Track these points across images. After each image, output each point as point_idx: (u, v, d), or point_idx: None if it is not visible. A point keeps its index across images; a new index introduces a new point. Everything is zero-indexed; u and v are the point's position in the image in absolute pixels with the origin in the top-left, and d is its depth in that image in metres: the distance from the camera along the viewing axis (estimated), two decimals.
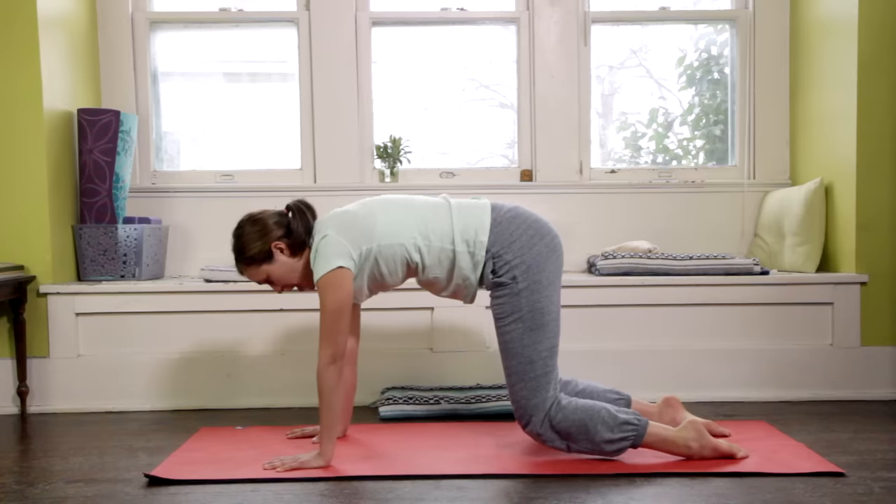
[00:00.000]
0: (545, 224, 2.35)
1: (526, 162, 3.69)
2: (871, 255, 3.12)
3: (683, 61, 3.81)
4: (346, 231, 2.27)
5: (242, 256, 2.35)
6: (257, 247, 2.32)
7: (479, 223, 2.30)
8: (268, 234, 2.32)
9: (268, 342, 3.11)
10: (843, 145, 3.19)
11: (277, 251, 2.33)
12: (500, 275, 2.28)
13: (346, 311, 2.23)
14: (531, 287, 2.26)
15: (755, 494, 2.01)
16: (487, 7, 3.70)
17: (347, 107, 3.61)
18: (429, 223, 2.31)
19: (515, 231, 2.30)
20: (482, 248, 2.29)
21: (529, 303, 2.25)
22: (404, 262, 2.31)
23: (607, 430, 2.21)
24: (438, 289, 2.40)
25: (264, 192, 3.55)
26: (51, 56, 3.12)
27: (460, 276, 2.32)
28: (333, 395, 2.23)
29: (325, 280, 2.22)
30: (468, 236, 2.30)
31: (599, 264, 3.22)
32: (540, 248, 2.29)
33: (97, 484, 2.17)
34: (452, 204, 2.36)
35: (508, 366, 2.29)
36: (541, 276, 2.27)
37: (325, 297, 2.22)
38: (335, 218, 2.31)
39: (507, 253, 2.28)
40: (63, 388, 3.07)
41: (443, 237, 2.30)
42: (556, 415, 2.23)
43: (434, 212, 2.34)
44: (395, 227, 2.29)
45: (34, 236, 3.07)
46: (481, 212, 2.33)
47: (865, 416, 2.82)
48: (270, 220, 2.34)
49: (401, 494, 2.05)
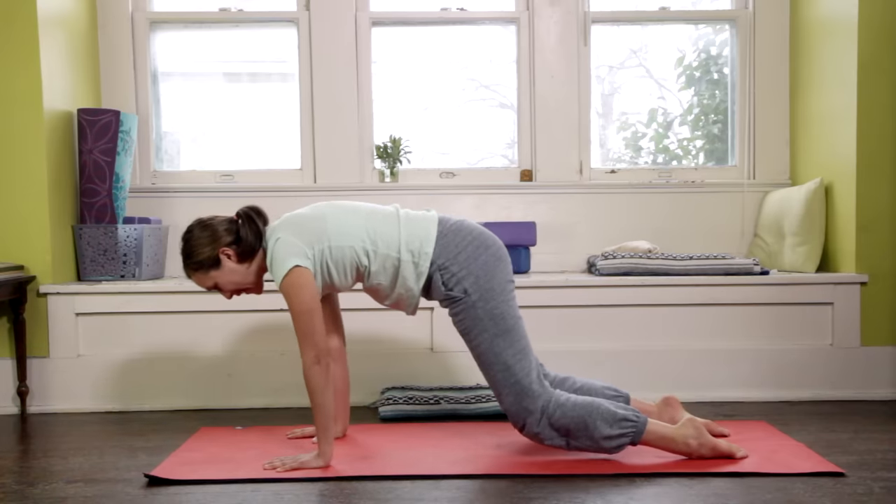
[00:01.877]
0: (489, 235, 2.36)
1: (526, 162, 3.69)
2: (871, 255, 3.12)
3: (683, 61, 3.81)
4: (298, 232, 2.27)
5: (190, 261, 2.34)
6: (205, 252, 2.31)
7: (425, 234, 2.31)
8: (217, 241, 2.31)
9: (268, 342, 3.11)
10: (843, 145, 3.19)
11: (225, 257, 2.32)
12: (450, 288, 2.29)
13: (317, 310, 2.23)
14: (484, 297, 2.26)
15: (755, 494, 2.01)
16: (487, 7, 3.70)
17: (347, 107, 3.62)
18: (377, 230, 2.31)
19: (460, 243, 2.30)
20: (426, 259, 2.29)
21: (486, 311, 2.26)
22: (354, 265, 2.31)
23: (606, 426, 2.21)
24: (381, 297, 2.39)
25: (264, 192, 3.55)
26: (51, 56, 3.12)
27: (403, 286, 2.33)
28: (324, 395, 2.23)
29: (287, 283, 2.22)
30: (413, 246, 2.30)
31: (599, 264, 3.22)
32: (485, 258, 2.30)
33: (97, 484, 2.17)
34: (401, 214, 2.37)
35: (489, 377, 2.29)
36: (492, 284, 2.28)
37: (291, 300, 2.22)
38: (286, 221, 2.32)
39: (454, 265, 2.28)
40: (63, 388, 3.07)
41: (389, 244, 2.30)
42: (554, 412, 2.23)
43: (383, 219, 2.34)
44: (346, 230, 2.29)
45: (34, 236, 3.07)
46: (428, 223, 2.34)
47: (865, 416, 2.82)
48: (220, 226, 2.33)
49: (400, 494, 2.05)
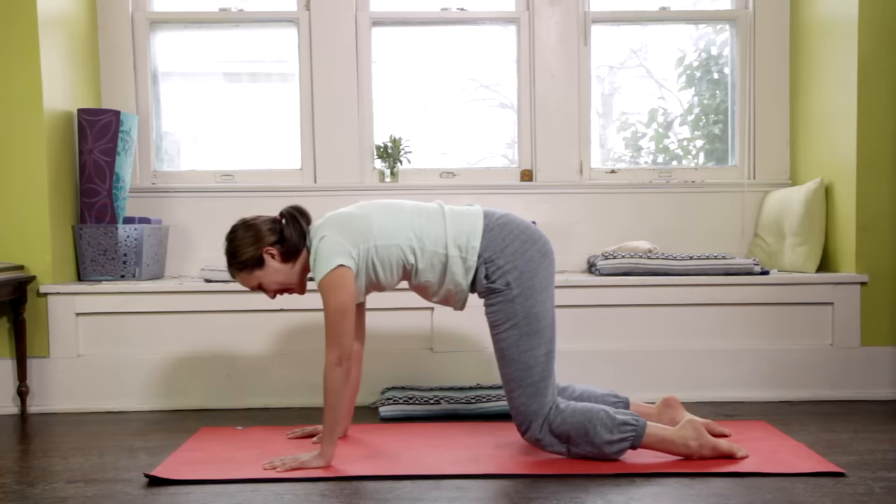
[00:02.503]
0: (536, 230, 2.35)
1: (526, 162, 3.69)
2: (871, 255, 3.12)
3: (683, 61, 3.81)
4: (344, 231, 2.26)
5: (234, 261, 2.35)
6: (249, 252, 2.32)
7: (472, 229, 2.31)
8: (260, 241, 2.32)
9: (268, 342, 3.11)
10: (843, 145, 3.19)
11: (269, 257, 2.33)
12: (493, 280, 2.28)
13: (350, 312, 2.23)
14: (525, 293, 2.26)
15: (755, 494, 2.01)
16: (487, 7, 3.70)
17: (347, 107, 3.62)
18: (423, 227, 2.31)
19: (507, 237, 2.30)
20: (474, 254, 2.29)
21: (524, 308, 2.25)
22: (400, 264, 2.31)
23: (606, 431, 2.21)
24: (430, 293, 2.39)
25: (264, 192, 3.55)
26: (51, 56, 3.12)
27: (452, 282, 2.32)
28: (339, 396, 2.23)
29: (327, 281, 2.22)
30: (461, 242, 2.30)
31: (599, 264, 3.22)
32: (532, 253, 2.29)
33: (97, 484, 2.17)
34: (446, 210, 2.37)
35: (506, 372, 2.29)
36: (534, 282, 2.27)
37: (328, 298, 2.22)
38: (331, 220, 2.31)
39: (500, 258, 2.28)
40: (63, 388, 3.07)
41: (436, 242, 2.30)
42: (554, 419, 2.24)
43: (428, 216, 2.34)
44: (392, 229, 2.29)
45: (34, 236, 3.07)
46: (474, 218, 2.34)
47: (865, 416, 2.82)
48: (264, 226, 2.34)
49: (401, 494, 2.05)
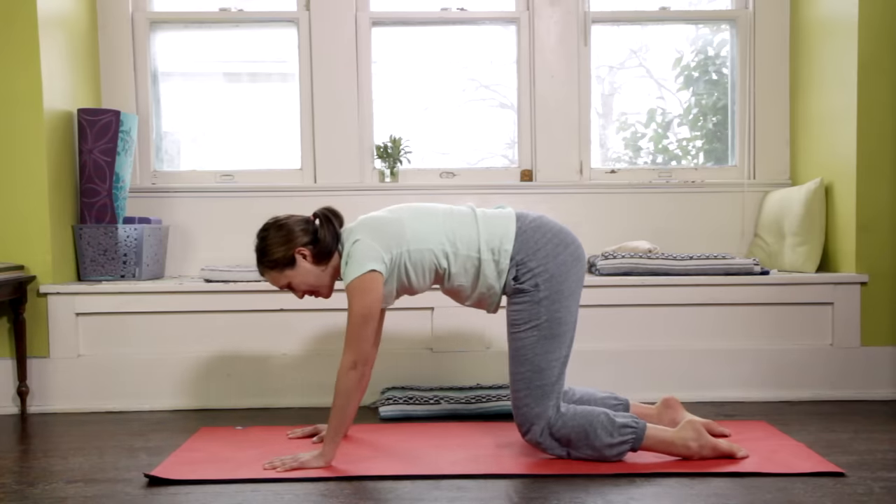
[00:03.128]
0: (569, 234, 2.34)
1: (526, 162, 3.69)
2: (871, 255, 3.12)
3: (681, 62, 3.81)
4: (377, 236, 2.26)
5: (264, 260, 2.34)
6: (280, 252, 2.31)
7: (505, 232, 2.30)
8: (293, 241, 2.31)
9: (268, 342, 3.11)
10: (843, 145, 3.19)
11: (300, 257, 2.32)
12: (522, 281, 2.27)
13: (374, 317, 2.22)
14: (552, 296, 2.25)
15: (755, 494, 2.01)
16: (487, 7, 3.70)
17: (347, 107, 3.62)
18: (456, 231, 2.31)
19: (540, 240, 2.29)
20: (507, 257, 2.28)
21: (549, 312, 2.25)
22: (433, 268, 2.31)
23: (607, 434, 2.21)
24: (463, 297, 2.39)
25: (264, 192, 3.55)
26: (51, 56, 3.12)
27: (485, 285, 2.32)
28: (349, 400, 2.23)
29: (355, 284, 2.21)
30: (493, 245, 2.29)
31: (599, 264, 3.22)
32: (564, 257, 2.29)
33: (97, 484, 2.17)
34: (478, 213, 2.36)
35: (516, 372, 2.28)
36: (563, 287, 2.26)
37: (354, 301, 2.21)
38: (365, 224, 2.30)
39: (532, 261, 2.27)
40: (63, 388, 3.07)
41: (469, 245, 2.30)
42: (555, 422, 2.24)
43: (460, 220, 2.33)
44: (424, 233, 2.29)
45: (34, 236, 3.07)
46: (507, 221, 2.33)
47: (865, 416, 2.82)
48: (296, 226, 2.33)
49: (401, 494, 2.05)
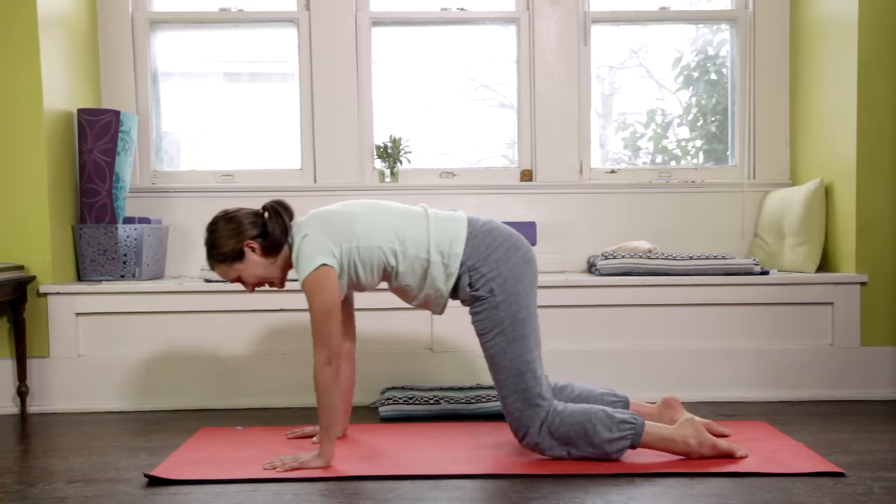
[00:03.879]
0: (519, 238, 2.35)
1: (526, 162, 3.69)
2: (871, 255, 3.12)
3: (680, 62, 3.81)
4: (327, 230, 2.26)
5: (214, 253, 2.34)
6: (230, 245, 2.31)
7: (455, 235, 2.30)
8: (241, 234, 2.31)
9: (267, 342, 3.11)
10: (843, 145, 3.19)
11: (249, 250, 2.32)
12: (477, 288, 2.28)
13: (336, 311, 2.23)
14: (509, 299, 2.25)
15: (755, 494, 2.01)
16: (487, 7, 3.70)
17: (347, 107, 3.62)
18: (406, 230, 2.30)
19: (491, 244, 2.29)
20: (457, 260, 2.28)
21: (509, 315, 2.25)
22: (381, 266, 2.31)
23: (606, 430, 2.21)
24: (409, 297, 2.39)
25: (264, 192, 3.54)
26: (51, 56, 3.12)
27: (432, 287, 2.32)
28: (331, 395, 2.23)
29: (310, 281, 2.21)
30: (443, 247, 2.29)
31: (599, 264, 3.22)
32: (515, 260, 2.29)
33: (97, 484, 2.17)
34: (430, 214, 2.36)
35: (498, 380, 2.29)
36: (518, 288, 2.27)
37: (312, 298, 2.22)
38: (315, 218, 2.31)
39: (483, 266, 2.27)
40: (63, 388, 3.07)
41: (418, 246, 2.29)
42: (553, 420, 2.23)
43: (411, 220, 2.33)
44: (374, 230, 2.29)
45: (34, 236, 3.07)
46: (457, 224, 2.33)
47: (865, 416, 2.82)
48: (246, 219, 2.33)
49: (401, 494, 2.05)
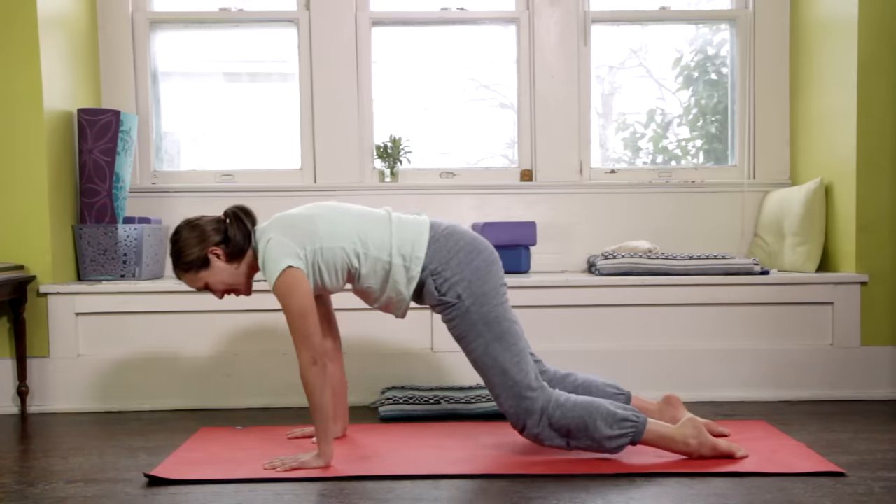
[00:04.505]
0: (481, 240, 2.35)
1: (526, 162, 3.69)
2: (871, 255, 3.12)
3: (680, 62, 3.81)
4: (290, 233, 2.26)
5: (179, 262, 2.33)
6: (194, 253, 2.31)
7: (417, 238, 2.30)
8: (205, 241, 2.31)
9: (268, 342, 3.11)
10: (843, 145, 3.19)
11: (214, 257, 2.32)
12: (443, 293, 2.27)
13: (312, 311, 2.22)
14: (478, 301, 2.25)
15: (755, 494, 2.01)
16: (487, 7, 3.70)
17: (347, 107, 3.62)
18: (368, 232, 2.30)
19: (453, 248, 2.29)
20: (418, 264, 2.28)
21: (481, 316, 2.25)
22: (345, 267, 2.30)
23: (606, 426, 2.21)
24: (371, 299, 2.39)
25: (264, 192, 3.55)
26: (51, 56, 3.12)
27: (393, 290, 2.32)
28: (322, 395, 2.22)
29: (280, 284, 2.21)
30: (405, 251, 2.29)
31: (599, 264, 3.22)
32: (478, 262, 2.29)
33: (97, 484, 2.17)
34: (393, 217, 2.36)
35: (486, 380, 2.29)
36: (485, 289, 2.27)
37: (286, 301, 2.21)
38: (277, 221, 2.30)
39: (446, 270, 2.27)
40: (63, 388, 3.07)
41: (380, 248, 2.29)
42: (554, 412, 2.23)
43: (374, 222, 2.33)
44: (337, 231, 2.28)
45: (34, 236, 3.07)
46: (420, 227, 2.33)
47: (865, 416, 2.82)
48: (209, 226, 2.33)
49: (400, 494, 2.05)
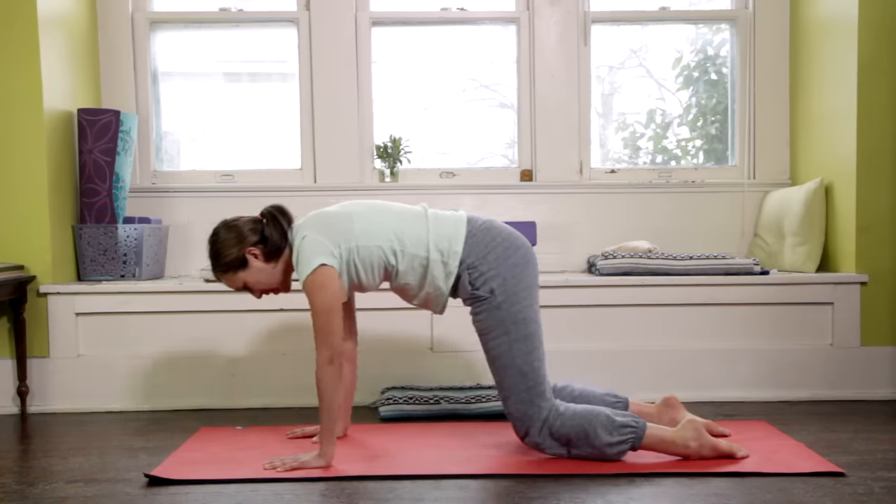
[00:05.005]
0: (519, 237, 2.35)
1: (526, 162, 3.69)
2: (871, 255, 3.12)
3: (680, 62, 3.81)
4: (325, 231, 2.26)
5: (218, 263, 2.35)
6: (233, 253, 2.32)
7: (454, 233, 2.30)
8: (243, 241, 2.32)
9: (268, 342, 3.11)
10: (843, 145, 3.19)
11: (252, 257, 2.33)
12: (477, 287, 2.27)
13: (337, 310, 2.23)
14: (510, 299, 2.25)
15: (755, 494, 2.01)
16: (487, 7, 3.70)
17: (347, 107, 3.62)
18: (405, 229, 2.30)
19: (490, 243, 2.29)
20: (456, 259, 2.28)
21: (511, 314, 2.25)
22: (381, 265, 2.31)
23: (606, 433, 2.21)
24: (409, 296, 2.39)
25: (264, 192, 3.55)
26: (51, 56, 3.12)
27: (432, 285, 2.32)
28: (333, 396, 2.23)
29: (311, 281, 2.21)
30: (442, 246, 2.29)
31: (599, 264, 3.22)
32: (515, 259, 2.29)
33: (97, 484, 2.17)
34: (429, 213, 2.36)
35: (500, 380, 2.28)
36: (518, 288, 2.27)
37: (314, 298, 2.22)
38: (313, 219, 2.31)
39: (483, 264, 2.27)
40: (63, 388, 3.07)
41: (417, 244, 2.30)
42: (554, 422, 2.23)
43: (410, 219, 2.33)
44: (373, 229, 2.29)
45: (34, 236, 3.07)
46: (457, 223, 2.33)
47: (865, 416, 2.82)
48: (245, 226, 2.34)
49: (401, 494, 2.05)
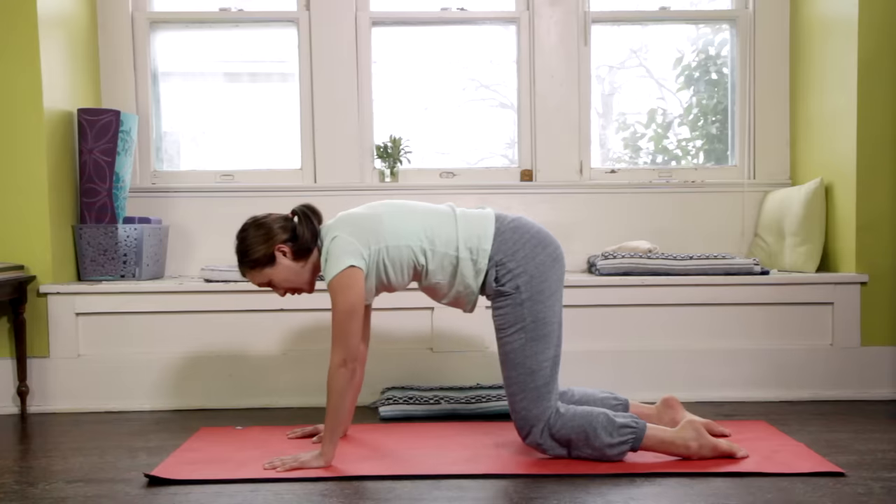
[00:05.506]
0: (548, 234, 2.35)
1: (526, 162, 3.69)
2: (871, 255, 3.12)
3: (681, 62, 3.81)
4: (355, 231, 2.26)
5: (246, 259, 2.35)
6: (261, 250, 2.32)
7: (483, 231, 2.31)
8: (272, 238, 2.32)
9: (268, 342, 3.11)
10: (843, 145, 3.19)
11: (280, 255, 2.33)
12: (502, 283, 2.28)
13: (359, 313, 2.23)
14: (534, 297, 2.26)
15: (755, 494, 2.01)
16: (487, 7, 3.70)
17: (347, 107, 3.62)
18: (434, 228, 2.31)
19: (518, 241, 2.30)
20: (485, 256, 2.29)
21: (532, 313, 2.25)
22: (411, 265, 2.31)
23: (607, 434, 2.21)
24: (440, 295, 2.39)
25: (264, 192, 3.55)
26: (51, 56, 3.12)
27: (462, 284, 2.32)
28: (342, 398, 2.23)
29: (337, 281, 2.22)
30: (471, 244, 2.30)
31: (599, 264, 3.22)
32: (543, 257, 2.29)
33: (97, 484, 2.17)
34: (458, 212, 2.37)
35: (509, 376, 2.28)
36: (543, 287, 2.27)
37: (337, 298, 2.22)
38: (343, 220, 2.31)
39: (511, 262, 2.28)
40: (63, 388, 3.07)
41: (447, 243, 2.30)
42: (555, 423, 2.24)
43: (439, 218, 2.34)
44: (402, 230, 2.29)
45: (34, 236, 3.07)
46: (485, 221, 2.34)
47: (865, 416, 2.82)
48: (275, 224, 2.34)
49: (401, 494, 2.05)
